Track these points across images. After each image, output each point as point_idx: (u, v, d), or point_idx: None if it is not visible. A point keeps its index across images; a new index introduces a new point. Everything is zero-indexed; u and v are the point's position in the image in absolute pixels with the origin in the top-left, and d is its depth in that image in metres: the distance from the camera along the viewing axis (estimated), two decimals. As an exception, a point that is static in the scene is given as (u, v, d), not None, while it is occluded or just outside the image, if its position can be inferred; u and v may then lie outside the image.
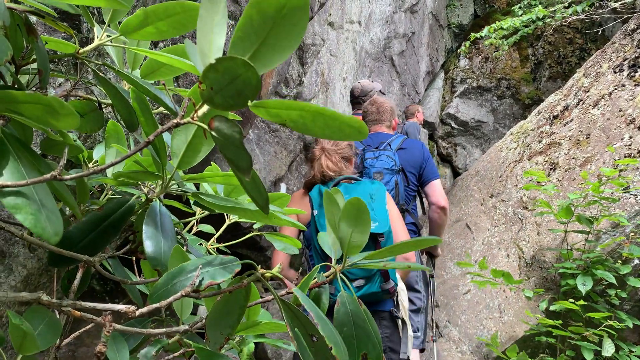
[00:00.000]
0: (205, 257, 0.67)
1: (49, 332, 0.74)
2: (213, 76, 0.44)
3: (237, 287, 0.63)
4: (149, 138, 0.52)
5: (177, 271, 0.65)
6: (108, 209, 0.78)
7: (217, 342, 0.69)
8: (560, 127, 4.43)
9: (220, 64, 0.42)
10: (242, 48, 0.46)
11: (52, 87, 1.38)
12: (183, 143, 0.73)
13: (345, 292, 0.75)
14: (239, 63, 0.41)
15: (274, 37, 0.46)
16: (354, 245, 0.73)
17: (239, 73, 0.43)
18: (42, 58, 0.62)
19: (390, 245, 0.72)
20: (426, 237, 0.70)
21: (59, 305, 0.60)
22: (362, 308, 0.74)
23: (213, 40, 0.49)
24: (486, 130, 9.26)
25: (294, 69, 4.81)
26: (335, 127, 0.52)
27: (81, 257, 0.73)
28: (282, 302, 0.61)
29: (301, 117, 0.50)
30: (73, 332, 1.13)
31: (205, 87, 0.45)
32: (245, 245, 4.34)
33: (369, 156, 3.53)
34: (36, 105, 0.54)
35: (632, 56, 4.21)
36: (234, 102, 0.45)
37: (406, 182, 3.50)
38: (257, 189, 0.54)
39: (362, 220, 0.70)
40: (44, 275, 1.52)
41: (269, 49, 0.47)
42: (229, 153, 0.49)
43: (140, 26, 0.72)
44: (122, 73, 0.66)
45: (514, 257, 3.93)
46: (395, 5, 7.57)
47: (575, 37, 8.85)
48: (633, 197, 3.41)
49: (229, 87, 0.45)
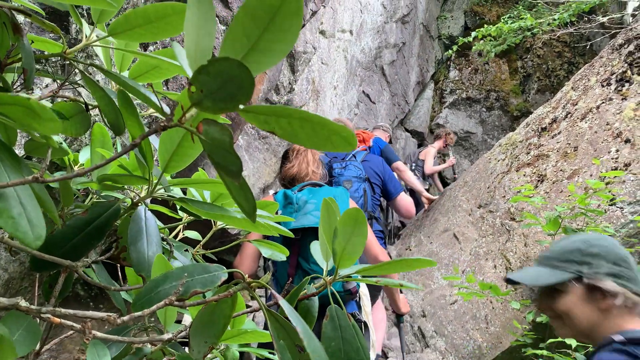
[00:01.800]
0: (190, 265, 0.66)
1: (28, 337, 0.72)
2: (204, 78, 0.43)
3: (222, 296, 0.61)
4: (136, 140, 0.51)
5: (161, 279, 0.63)
6: (92, 213, 0.76)
7: (201, 351, 0.67)
8: (549, 139, 4.46)
9: (213, 65, 0.41)
10: (232, 52, 0.45)
11: (39, 88, 1.36)
12: (171, 147, 0.72)
13: (334, 306, 0.73)
14: (233, 64, 0.40)
15: (265, 41, 0.45)
16: (348, 258, 0.71)
17: (233, 75, 0.42)
18: (27, 57, 0.60)
19: (384, 263, 0.70)
20: (420, 258, 0.68)
21: (38, 312, 0.58)
22: (352, 323, 0.72)
23: (201, 42, 0.47)
24: (475, 141, 9.32)
25: (285, 76, 4.81)
26: (324, 136, 0.50)
27: (64, 262, 0.71)
28: (269, 313, 0.60)
29: (289, 124, 0.49)
30: (54, 337, 1.10)
31: (195, 90, 0.44)
32: (233, 252, 4.30)
33: (337, 166, 3.81)
34: (18, 108, 0.52)
35: (619, 70, 4.26)
36: (224, 106, 0.44)
37: (372, 191, 3.74)
38: (244, 195, 0.53)
39: (358, 232, 0.69)
40: (26, 279, 1.48)
41: (260, 53, 0.46)
42: (217, 157, 0.48)
43: (129, 27, 0.70)
44: (110, 73, 0.64)
45: (501, 268, 3.93)
46: (386, 15, 7.62)
47: (564, 50, 8.96)
48: (619, 209, 3.43)
49: (221, 90, 0.43)
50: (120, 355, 0.84)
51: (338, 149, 0.52)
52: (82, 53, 1.42)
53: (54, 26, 0.72)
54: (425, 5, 9.62)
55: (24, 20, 1.22)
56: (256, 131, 4.40)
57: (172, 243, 1.02)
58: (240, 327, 0.96)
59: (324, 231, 0.70)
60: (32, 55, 0.59)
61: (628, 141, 3.73)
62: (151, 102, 0.56)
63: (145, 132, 0.51)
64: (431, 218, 5.34)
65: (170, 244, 0.99)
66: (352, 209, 0.67)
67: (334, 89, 6.08)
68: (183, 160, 0.74)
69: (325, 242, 0.71)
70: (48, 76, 1.14)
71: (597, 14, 6.50)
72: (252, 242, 1.33)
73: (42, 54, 0.83)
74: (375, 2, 7.19)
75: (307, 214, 2.46)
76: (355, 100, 6.83)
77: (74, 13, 0.77)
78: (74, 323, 0.61)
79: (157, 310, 0.58)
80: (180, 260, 1.01)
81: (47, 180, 0.51)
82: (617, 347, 1.24)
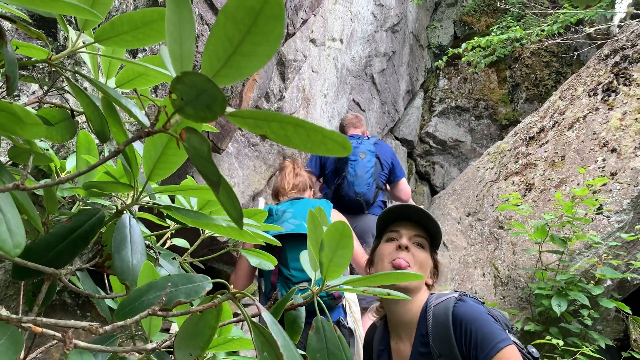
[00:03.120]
0: (174, 275, 0.65)
1: (11, 347, 0.71)
2: (181, 88, 0.42)
3: (207, 306, 0.61)
4: (119, 147, 0.50)
5: (145, 288, 0.62)
6: (77, 221, 0.75)
7: (186, 362, 0.67)
8: (536, 148, 4.50)
9: (187, 77, 0.41)
10: (215, 56, 0.45)
11: (26, 94, 1.35)
12: (155, 154, 0.71)
13: (320, 317, 0.73)
14: (203, 79, 0.40)
15: (248, 44, 0.45)
16: (335, 270, 0.71)
17: (205, 88, 0.42)
18: (10, 64, 0.60)
19: (371, 275, 0.70)
20: (410, 272, 0.68)
21: (19, 321, 0.57)
22: (338, 334, 0.72)
23: (183, 44, 0.47)
24: (464, 150, 9.36)
25: (275, 83, 4.81)
26: (318, 140, 0.50)
27: (47, 270, 0.70)
28: (253, 325, 0.59)
29: (282, 128, 0.49)
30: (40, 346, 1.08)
31: (176, 97, 0.44)
32: (222, 260, 4.28)
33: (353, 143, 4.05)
34: (1, 113, 0.52)
35: (606, 81, 4.31)
36: (204, 114, 0.44)
37: (381, 168, 4.23)
38: (231, 202, 0.52)
39: (344, 244, 0.68)
40: (11, 287, 1.46)
41: (244, 57, 0.46)
42: (200, 165, 0.48)
43: (115, 33, 0.70)
44: (92, 80, 0.64)
45: (489, 276, 3.94)
46: (377, 24, 7.66)
47: (552, 60, 9.05)
48: (606, 219, 3.46)
49: (198, 99, 0.43)
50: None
51: (332, 152, 0.52)
52: (71, 60, 1.41)
53: (40, 33, 0.72)
54: (415, 14, 9.69)
55: (10, 27, 1.21)
56: (246, 139, 4.39)
57: (158, 251, 1.02)
58: (227, 335, 0.95)
59: (310, 242, 0.70)
60: (15, 62, 0.59)
61: (614, 150, 3.77)
62: (131, 112, 0.56)
63: (129, 138, 0.51)
64: (420, 226, 5.35)
65: (156, 252, 0.98)
66: (339, 222, 0.66)
67: (324, 97, 6.10)
68: (168, 168, 0.73)
69: (313, 253, 0.70)
70: (34, 82, 1.13)
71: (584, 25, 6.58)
72: (241, 252, 1.33)
73: (27, 61, 0.82)
74: (365, 11, 7.23)
75: (285, 222, 2.56)
76: (345, 108, 6.85)
77: (61, 20, 0.76)
78: (56, 332, 0.60)
79: (140, 319, 0.57)
80: (166, 268, 1.00)
81: (28, 187, 0.51)
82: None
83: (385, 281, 0.70)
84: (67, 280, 0.77)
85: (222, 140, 3.68)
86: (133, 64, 0.76)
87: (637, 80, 4.11)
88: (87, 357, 0.78)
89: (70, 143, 1.49)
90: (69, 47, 0.75)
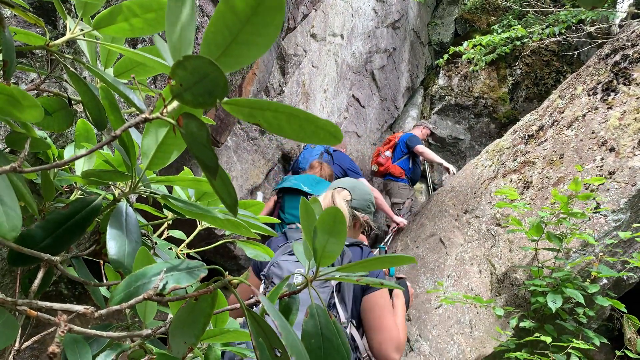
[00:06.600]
0: (170, 261, 0.65)
1: (6, 331, 0.71)
2: (182, 73, 0.43)
3: (202, 292, 0.61)
4: (116, 133, 0.51)
5: (140, 274, 0.63)
6: (73, 208, 0.75)
7: (180, 352, 0.67)
8: (535, 146, 4.50)
9: (188, 61, 0.41)
10: (214, 44, 0.45)
11: (24, 82, 1.35)
12: (154, 143, 0.71)
13: (315, 303, 0.73)
14: (206, 62, 0.40)
15: (247, 34, 0.45)
16: (328, 256, 0.71)
17: (207, 72, 0.42)
18: (8, 49, 0.60)
19: (364, 260, 0.70)
20: (402, 255, 0.68)
21: (14, 304, 0.58)
22: (332, 320, 0.72)
23: (183, 32, 0.47)
24: (463, 147, 9.37)
25: (275, 78, 4.81)
26: (310, 131, 0.51)
27: (42, 256, 0.71)
28: (248, 311, 0.60)
29: (275, 117, 0.49)
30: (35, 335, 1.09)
31: (175, 84, 0.44)
32: (218, 253, 4.29)
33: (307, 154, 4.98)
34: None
35: (605, 80, 4.31)
36: (203, 100, 0.44)
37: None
38: (225, 189, 0.53)
39: (337, 231, 0.69)
40: (8, 275, 1.46)
41: (242, 46, 0.46)
42: (196, 151, 0.48)
43: (114, 21, 0.70)
44: (91, 68, 0.64)
45: (486, 273, 3.95)
46: (377, 20, 7.65)
47: (552, 59, 9.04)
48: (603, 217, 3.47)
49: (198, 85, 0.43)
50: (101, 352, 0.83)
51: (323, 142, 0.53)
52: (70, 48, 1.41)
53: (37, 18, 0.72)
54: (416, 11, 9.68)
55: (9, 14, 1.21)
56: (245, 132, 4.39)
57: (154, 240, 1.02)
58: (222, 326, 0.95)
59: (304, 229, 0.70)
60: (13, 47, 0.59)
61: (613, 150, 3.78)
62: (130, 100, 0.56)
63: (126, 124, 0.51)
64: (418, 222, 5.36)
65: (152, 241, 0.98)
66: (332, 208, 0.67)
67: (324, 92, 6.09)
68: (166, 157, 0.73)
69: (306, 241, 0.71)
70: (32, 70, 1.13)
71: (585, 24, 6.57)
72: (238, 243, 1.33)
73: (24, 46, 0.82)
74: (366, 7, 7.22)
75: (287, 181, 3.71)
76: (345, 104, 6.85)
77: (59, 6, 0.76)
78: (51, 317, 0.60)
79: (135, 304, 0.57)
80: (162, 258, 1.00)
81: (25, 170, 0.51)
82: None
83: (379, 265, 0.70)
84: (63, 268, 0.77)
85: (222, 134, 3.68)
86: (131, 52, 0.76)
87: (636, 79, 4.11)
88: (81, 345, 0.78)
89: (68, 132, 1.49)
90: (68, 33, 0.75)
